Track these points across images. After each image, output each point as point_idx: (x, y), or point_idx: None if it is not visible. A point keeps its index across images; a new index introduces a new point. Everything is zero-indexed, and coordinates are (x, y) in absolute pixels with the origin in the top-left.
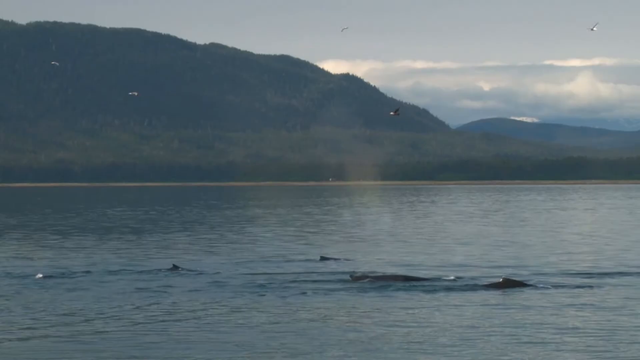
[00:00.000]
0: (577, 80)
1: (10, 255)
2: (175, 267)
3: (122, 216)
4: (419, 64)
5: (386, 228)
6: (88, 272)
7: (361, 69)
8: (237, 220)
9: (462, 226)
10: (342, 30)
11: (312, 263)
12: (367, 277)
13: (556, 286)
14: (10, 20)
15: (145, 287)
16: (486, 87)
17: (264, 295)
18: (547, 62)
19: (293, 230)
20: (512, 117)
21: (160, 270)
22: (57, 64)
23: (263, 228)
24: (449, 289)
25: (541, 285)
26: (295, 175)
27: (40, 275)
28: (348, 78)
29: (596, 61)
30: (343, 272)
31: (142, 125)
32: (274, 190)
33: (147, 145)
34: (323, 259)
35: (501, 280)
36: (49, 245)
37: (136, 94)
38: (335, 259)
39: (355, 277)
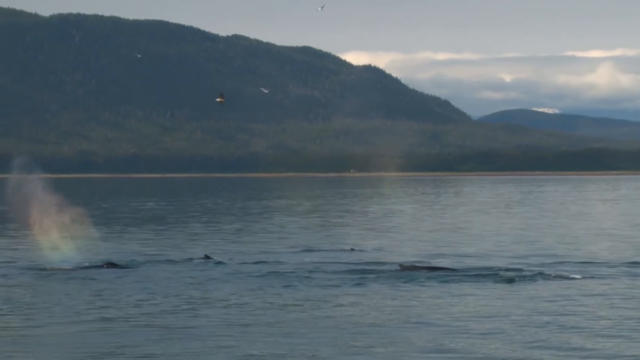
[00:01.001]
0: (598, 71)
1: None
2: (207, 257)
3: (146, 207)
4: (441, 56)
5: (412, 219)
6: (115, 263)
7: (383, 61)
8: (262, 211)
9: (490, 217)
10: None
11: (346, 253)
12: (416, 267)
13: (603, 277)
14: (34, 12)
15: (179, 277)
16: (507, 78)
17: (308, 285)
18: (568, 53)
19: (319, 221)
20: (534, 108)
21: (192, 259)
22: (139, 55)
23: (289, 218)
24: (498, 280)
25: (580, 277)
26: (316, 167)
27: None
28: (370, 69)
29: (617, 52)
30: (380, 262)
31: (165, 117)
32: (296, 181)
33: (170, 137)
34: (353, 250)
35: (553, 275)
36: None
37: (266, 91)
38: (364, 250)
39: (405, 267)
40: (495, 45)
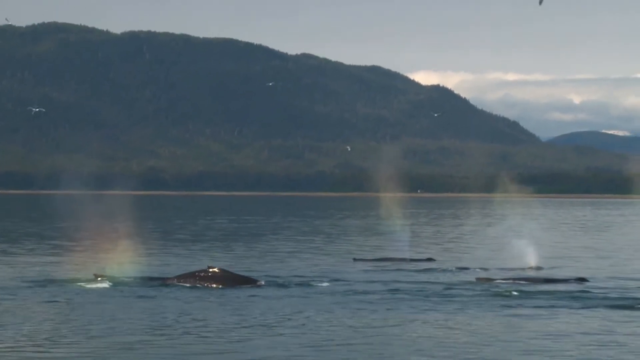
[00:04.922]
0: None
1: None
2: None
3: (228, 225)
4: (510, 76)
5: (498, 239)
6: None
7: (452, 81)
8: (356, 230)
9: (578, 238)
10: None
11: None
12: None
13: None
14: (105, 29)
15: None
16: (577, 99)
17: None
18: None
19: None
20: (604, 130)
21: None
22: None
23: (387, 236)
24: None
25: None
26: (383, 186)
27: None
28: (438, 89)
29: None
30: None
31: (233, 135)
32: (365, 200)
33: (237, 154)
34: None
35: None
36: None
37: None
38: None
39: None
40: (565, 67)
